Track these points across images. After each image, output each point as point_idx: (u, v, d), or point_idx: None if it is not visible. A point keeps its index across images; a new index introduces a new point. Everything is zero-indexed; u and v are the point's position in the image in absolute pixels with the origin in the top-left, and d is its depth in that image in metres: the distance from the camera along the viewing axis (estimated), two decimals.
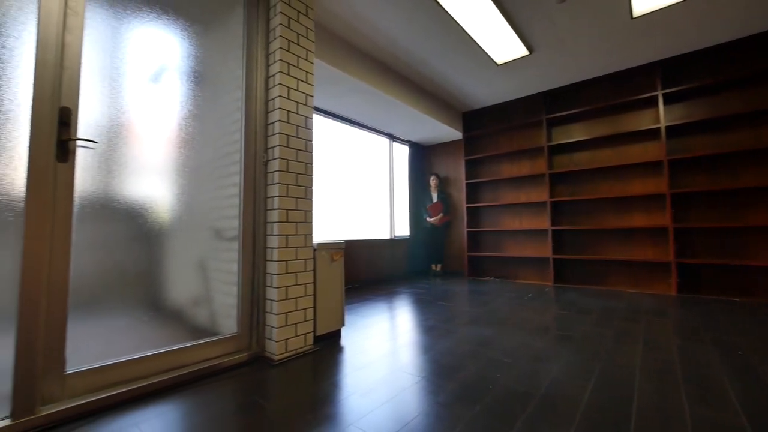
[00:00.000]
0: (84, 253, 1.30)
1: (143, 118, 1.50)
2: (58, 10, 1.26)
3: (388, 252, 4.64)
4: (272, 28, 1.92)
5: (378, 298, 3.34)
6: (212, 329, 1.67)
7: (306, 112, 1.97)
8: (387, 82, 3.53)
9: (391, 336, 2.09)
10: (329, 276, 2.05)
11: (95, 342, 1.32)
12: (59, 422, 1.17)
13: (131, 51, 1.48)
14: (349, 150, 4.31)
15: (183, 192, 1.60)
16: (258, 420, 1.18)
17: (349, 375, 1.54)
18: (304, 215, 1.90)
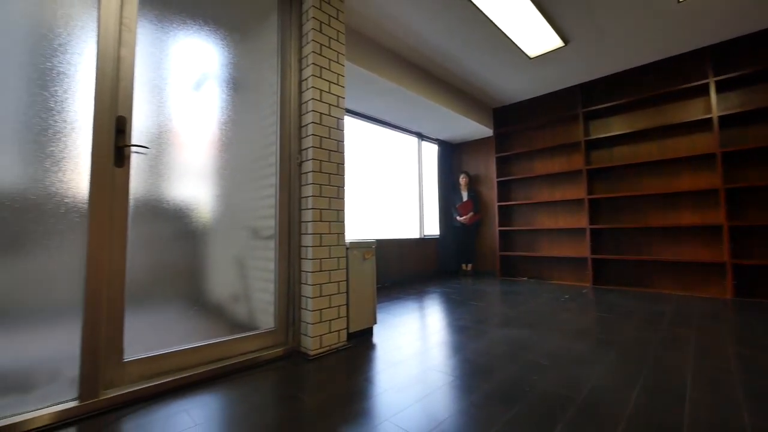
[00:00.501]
0: (137, 251, 1.41)
1: (187, 125, 1.59)
2: (114, 26, 1.37)
3: (418, 251, 4.63)
4: (305, 33, 1.98)
5: (408, 297, 3.35)
6: (251, 324, 1.75)
7: (338, 114, 2.01)
8: (415, 81, 3.52)
9: (423, 335, 2.09)
10: (361, 274, 2.08)
11: (147, 333, 1.42)
12: (119, 406, 1.27)
13: (176, 61, 1.58)
14: (378, 150, 4.34)
15: (223, 193, 1.69)
16: (297, 412, 1.23)
17: (383, 372, 1.56)
18: (337, 214, 1.94)
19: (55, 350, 1.21)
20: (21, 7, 1.21)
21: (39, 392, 1.18)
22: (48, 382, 1.20)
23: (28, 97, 1.21)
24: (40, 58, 1.23)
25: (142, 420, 1.19)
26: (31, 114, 1.21)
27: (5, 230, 1.14)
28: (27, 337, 1.17)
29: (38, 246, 1.19)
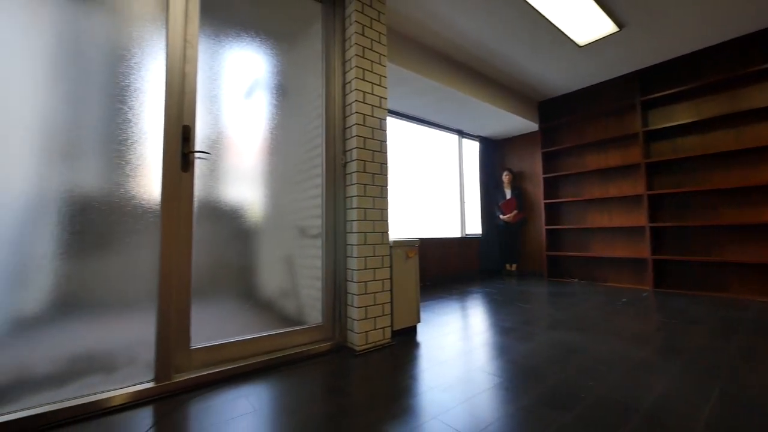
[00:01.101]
0: (200, 249, 1.53)
1: (240, 131, 1.70)
2: (179, 44, 1.51)
3: (459, 250, 4.56)
4: (347, 37, 2.03)
5: (450, 296, 3.31)
6: (299, 319, 1.83)
7: (380, 114, 2.04)
8: (456, 78, 3.47)
9: (467, 335, 2.06)
10: (404, 273, 2.10)
11: (209, 324, 1.54)
12: (187, 389, 1.40)
13: (230, 72, 1.69)
14: (419, 149, 4.33)
15: (272, 194, 1.78)
16: (345, 404, 1.27)
17: (428, 370, 1.56)
18: (381, 213, 1.97)
19: (134, 336, 1.36)
20: (103, 31, 1.37)
21: (120, 373, 1.33)
22: (127, 365, 1.34)
23: (110, 110, 1.36)
24: (120, 76, 1.39)
25: (208, 403, 1.29)
26: (114, 126, 1.36)
27: (95, 230, 1.30)
28: (111, 324, 1.32)
29: (120, 244, 1.35)
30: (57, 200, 1.25)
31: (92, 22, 1.35)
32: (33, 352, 1.19)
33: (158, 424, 1.15)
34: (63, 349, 1.23)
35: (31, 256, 1.20)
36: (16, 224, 1.18)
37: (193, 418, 1.19)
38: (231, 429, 1.12)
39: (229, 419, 1.18)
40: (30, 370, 1.17)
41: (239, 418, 1.19)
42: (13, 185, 1.18)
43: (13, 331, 1.16)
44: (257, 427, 1.13)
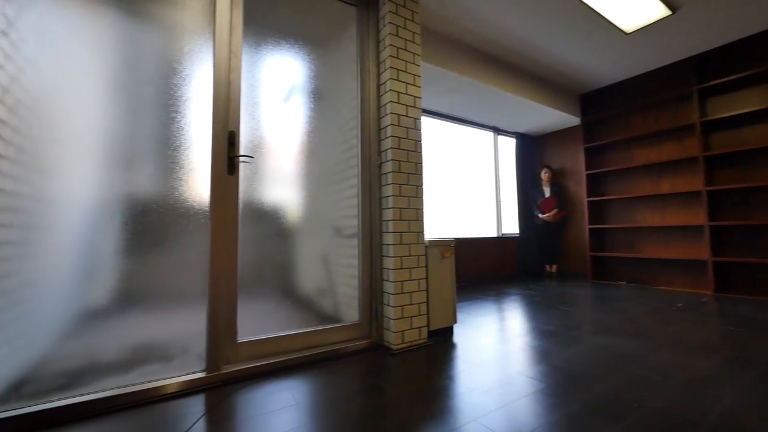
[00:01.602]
0: (244, 248, 1.62)
1: (279, 135, 1.77)
2: (225, 55, 1.60)
3: (496, 251, 4.43)
4: (382, 39, 2.05)
5: (487, 297, 3.23)
6: (336, 316, 1.87)
7: (415, 114, 2.04)
8: (491, 74, 3.38)
9: (506, 337, 2.00)
10: (440, 273, 2.08)
11: (253, 319, 1.62)
12: (234, 380, 1.48)
13: (269, 79, 1.77)
14: (453, 147, 4.27)
15: (310, 195, 1.84)
16: (384, 402, 1.28)
17: (465, 372, 1.54)
18: (416, 213, 1.97)
19: (187, 329, 1.46)
20: (157, 46, 1.48)
21: (175, 363, 1.43)
22: (181, 355, 1.44)
23: (165, 120, 1.47)
24: (173, 87, 1.50)
25: (253, 394, 1.36)
26: (168, 133, 1.47)
27: (153, 230, 1.41)
28: (167, 316, 1.43)
29: (175, 243, 1.45)
30: (120, 204, 1.37)
31: (148, 39, 1.47)
32: (101, 340, 1.31)
33: (209, 413, 1.23)
34: (126, 339, 1.35)
35: (99, 254, 1.32)
36: (85, 226, 1.31)
37: (240, 408, 1.25)
38: (275, 420, 1.17)
39: (273, 411, 1.23)
40: (99, 357, 1.30)
41: (282, 410, 1.24)
42: (83, 191, 1.31)
43: (84, 322, 1.29)
44: (299, 420, 1.17)
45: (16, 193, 1.20)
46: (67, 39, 1.31)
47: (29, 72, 1.24)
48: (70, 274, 1.27)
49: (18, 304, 1.18)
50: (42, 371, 1.21)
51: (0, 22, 1.20)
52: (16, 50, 1.22)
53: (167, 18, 1.51)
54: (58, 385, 1.23)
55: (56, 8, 1.30)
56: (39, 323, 1.22)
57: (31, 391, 1.19)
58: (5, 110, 1.19)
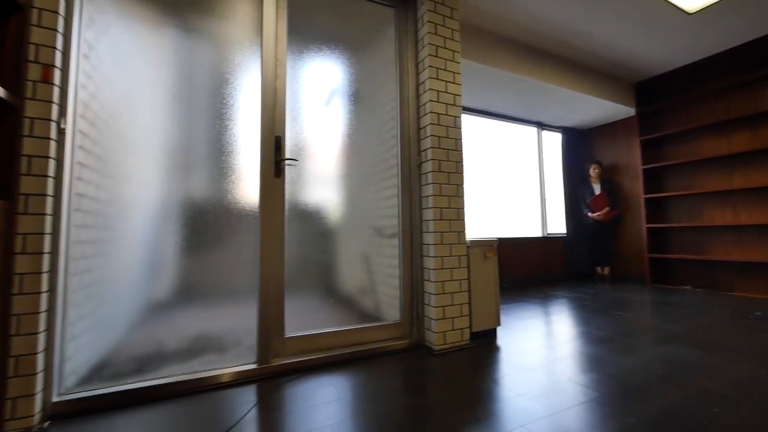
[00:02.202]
0: (290, 247, 1.69)
1: (321, 138, 1.83)
2: (271, 64, 1.68)
3: (541, 251, 4.24)
4: (420, 38, 2.04)
5: (532, 300, 3.10)
6: (377, 315, 1.89)
7: (455, 112, 2.01)
8: (534, 66, 3.24)
9: (554, 342, 1.91)
10: (483, 273, 2.03)
11: (298, 316, 1.69)
12: (283, 373, 1.55)
13: (311, 84, 1.83)
14: (494, 145, 4.15)
15: (350, 196, 1.88)
16: (427, 403, 1.28)
17: (511, 376, 1.49)
18: (457, 213, 1.94)
19: (239, 322, 1.55)
20: (211, 60, 1.60)
21: (229, 354, 1.53)
22: (235, 347, 1.54)
23: (219, 127, 1.58)
24: (226, 97, 1.60)
25: (300, 387, 1.42)
26: (222, 140, 1.58)
27: (209, 230, 1.52)
28: (221, 310, 1.53)
29: (228, 242, 1.55)
30: (180, 206, 1.49)
31: (203, 53, 1.58)
32: (166, 331, 1.43)
33: (261, 403, 1.30)
34: (187, 330, 1.47)
35: (163, 252, 1.45)
36: (151, 227, 1.44)
37: (288, 400, 1.31)
38: (320, 413, 1.21)
39: (318, 404, 1.27)
40: (164, 345, 1.42)
41: (327, 404, 1.28)
42: (149, 195, 1.45)
43: (151, 313, 1.42)
44: (343, 415, 1.20)
45: (96, 198, 1.35)
46: (135, 58, 1.46)
47: (105, 89, 1.40)
48: (139, 270, 1.41)
49: (98, 296, 1.33)
50: (117, 356, 1.35)
51: (83, 47, 1.35)
52: (95, 70, 1.38)
53: (219, 32, 1.62)
54: (131, 369, 1.36)
55: (126, 31, 1.45)
56: (115, 313, 1.36)
57: (110, 373, 1.33)
58: (87, 124, 1.35)
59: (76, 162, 1.31)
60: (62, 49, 1.27)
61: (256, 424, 1.15)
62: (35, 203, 1.18)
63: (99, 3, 1.40)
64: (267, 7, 1.70)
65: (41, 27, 1.22)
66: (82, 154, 1.33)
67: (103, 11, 1.40)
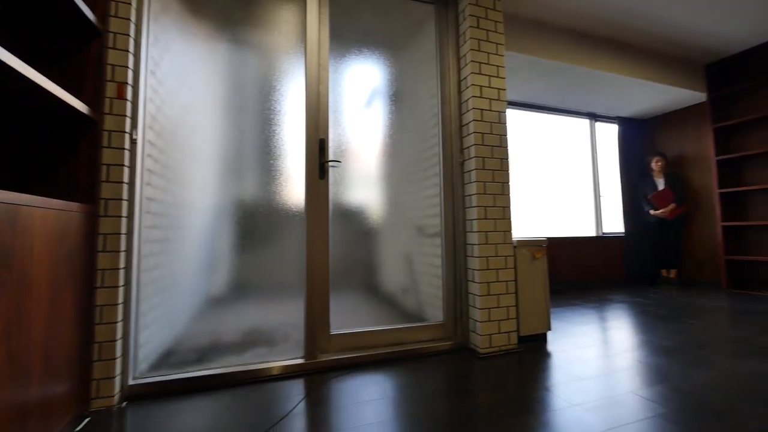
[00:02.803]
0: (334, 246, 1.73)
1: (361, 139, 1.85)
2: (315, 69, 1.74)
3: (595, 252, 3.95)
4: (462, 33, 1.99)
5: (586, 304, 2.90)
6: (420, 315, 1.88)
7: (499, 107, 1.94)
8: (584, 53, 3.03)
9: (612, 350, 1.77)
10: (531, 275, 1.93)
11: (342, 314, 1.72)
12: (328, 369, 1.60)
13: (352, 85, 1.86)
14: (541, 140, 3.95)
15: (392, 195, 1.88)
16: (472, 406, 1.24)
17: (564, 384, 1.40)
18: (503, 211, 1.87)
19: (287, 318, 1.62)
20: (258, 69, 1.68)
21: (278, 348, 1.60)
22: (283, 342, 1.61)
23: (268, 132, 1.66)
24: (273, 104, 1.68)
25: (345, 383, 1.45)
26: (270, 145, 1.66)
27: (259, 230, 1.61)
28: (271, 306, 1.61)
29: (277, 241, 1.63)
30: (233, 207, 1.59)
31: (252, 65, 1.68)
32: (221, 324, 1.54)
33: (308, 397, 1.34)
34: (240, 324, 1.56)
35: (218, 250, 1.56)
36: (208, 227, 1.55)
37: (334, 396, 1.35)
38: (366, 410, 1.23)
39: (363, 401, 1.29)
40: (220, 337, 1.52)
41: (371, 402, 1.29)
42: (205, 198, 1.56)
43: (208, 308, 1.53)
44: (388, 414, 1.20)
45: (162, 201, 1.48)
46: (193, 71, 1.58)
47: (169, 102, 1.53)
48: (198, 267, 1.53)
49: (164, 291, 1.46)
50: (181, 346, 1.47)
51: (150, 64, 1.49)
52: (161, 85, 1.52)
53: (267, 43, 1.70)
54: (192, 358, 1.48)
55: (186, 47, 1.57)
56: (178, 306, 1.49)
57: (175, 361, 1.46)
58: (154, 134, 1.49)
59: (146, 169, 1.45)
60: (133, 67, 1.41)
61: (304, 417, 1.19)
62: (113, 207, 1.32)
63: (163, 23, 1.53)
64: (310, 14, 1.75)
65: (116, 49, 1.37)
66: (150, 162, 1.47)
67: (166, 30, 1.54)
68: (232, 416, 1.21)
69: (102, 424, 1.17)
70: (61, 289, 1.09)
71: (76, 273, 1.17)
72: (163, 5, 1.54)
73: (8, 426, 0.86)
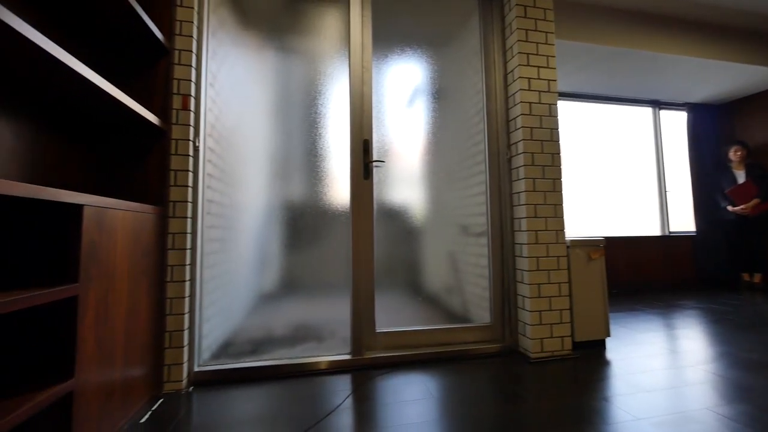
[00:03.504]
0: (378, 245, 1.75)
1: (404, 138, 1.85)
2: (359, 71, 1.77)
3: (661, 252, 3.60)
4: (507, 24, 1.92)
5: (651, 309, 2.65)
6: (465, 316, 1.84)
7: (549, 99, 1.84)
8: (648, 36, 2.77)
9: (683, 361, 1.60)
10: (587, 277, 1.81)
11: (387, 312, 1.74)
12: (373, 366, 1.62)
13: (395, 85, 1.86)
14: (597, 132, 3.68)
15: (436, 194, 1.86)
16: (524, 412, 1.19)
17: (627, 396, 1.30)
18: (554, 209, 1.77)
19: (334, 315, 1.67)
20: (304, 74, 1.75)
21: (326, 344, 1.65)
22: (330, 338, 1.66)
23: (314, 135, 1.72)
24: (319, 107, 1.74)
25: (390, 381, 1.46)
26: (317, 147, 1.72)
27: (307, 230, 1.67)
28: (319, 303, 1.67)
29: (324, 240, 1.68)
30: (283, 208, 1.67)
31: (298, 70, 1.74)
32: (273, 319, 1.62)
33: (355, 393, 1.37)
34: (290, 319, 1.63)
35: (269, 249, 1.64)
36: (259, 227, 1.64)
37: (380, 393, 1.36)
38: (412, 409, 1.23)
39: (410, 400, 1.29)
40: (272, 331, 1.61)
41: (418, 401, 1.29)
42: (258, 199, 1.65)
43: (261, 303, 1.62)
44: (435, 414, 1.19)
45: (221, 203, 1.60)
46: (246, 81, 1.68)
47: (225, 110, 1.64)
48: (251, 264, 1.62)
49: (223, 286, 1.58)
50: (238, 338, 1.58)
51: (209, 77, 1.62)
52: (218, 95, 1.63)
53: (311, 48, 1.77)
54: (247, 350, 1.58)
55: (239, 58, 1.68)
56: (235, 301, 1.59)
57: (233, 352, 1.56)
58: (213, 141, 1.61)
59: (207, 173, 1.57)
60: (195, 80, 1.54)
61: (351, 413, 1.22)
62: (180, 208, 1.45)
63: (219, 37, 1.65)
64: (353, 17, 1.79)
65: (181, 64, 1.50)
66: (210, 167, 1.59)
67: (222, 43, 1.65)
68: (283, 407, 1.27)
69: (173, 405, 1.29)
70: (139, 282, 1.21)
71: (149, 268, 1.30)
72: (219, 20, 1.65)
73: (97, 403, 0.98)
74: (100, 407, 0.98)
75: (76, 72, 0.92)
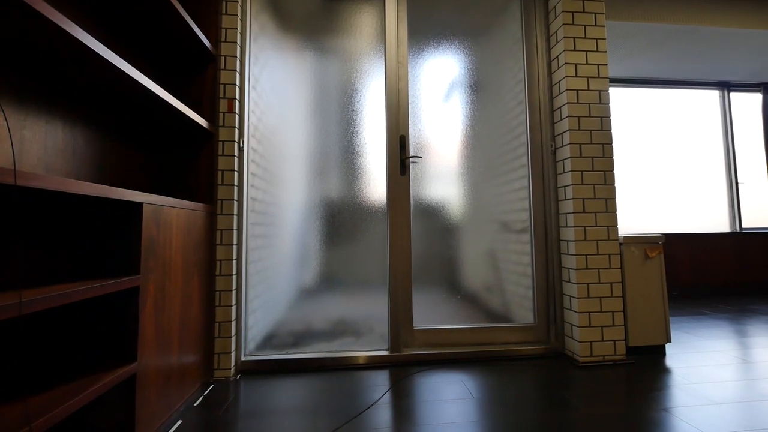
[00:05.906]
0: (416, 241, 1.73)
1: (441, 133, 1.81)
2: (394, 66, 1.76)
3: (731, 251, 3.24)
4: (552, 7, 1.81)
5: (719, 314, 2.40)
6: (506, 316, 1.77)
7: (599, 86, 1.71)
8: (711, 9, 2.48)
9: (759, 373, 1.43)
10: (644, 277, 1.67)
11: (424, 309, 1.72)
12: (412, 362, 1.61)
13: (431, 79, 1.82)
14: (654, 119, 3.38)
15: (474, 189, 1.80)
16: (573, 418, 1.12)
17: (690, 407, 1.18)
18: (605, 204, 1.65)
19: (372, 311, 1.68)
20: (341, 73, 1.76)
21: (364, 339, 1.67)
22: (368, 333, 1.67)
23: (351, 133, 1.74)
24: (356, 105, 1.76)
25: (429, 378, 1.44)
26: (354, 144, 1.74)
27: (345, 226, 1.70)
28: (357, 298, 1.68)
29: (361, 237, 1.70)
30: (322, 205, 1.70)
31: (334, 70, 1.77)
32: (313, 313, 1.66)
33: (393, 388, 1.38)
34: (329, 314, 1.67)
35: (308, 245, 1.69)
36: (299, 224, 1.69)
37: (419, 390, 1.35)
38: (450, 409, 1.20)
39: (449, 399, 1.27)
40: (312, 326, 1.65)
41: (457, 400, 1.26)
42: (298, 197, 1.70)
43: (302, 298, 1.67)
44: (475, 414, 1.16)
45: (263, 201, 1.67)
46: (285, 82, 1.73)
47: (267, 112, 1.71)
48: (292, 260, 1.68)
49: (266, 281, 1.64)
50: (280, 331, 1.64)
51: (252, 80, 1.69)
52: (260, 98, 1.70)
53: (348, 47, 1.78)
54: (289, 342, 1.64)
55: (279, 61, 1.73)
56: (277, 295, 1.66)
57: (276, 344, 1.63)
58: (256, 142, 1.68)
59: (250, 173, 1.65)
60: (239, 84, 1.61)
61: (390, 408, 1.22)
62: (227, 206, 1.53)
63: (261, 42, 1.72)
64: (389, 14, 1.78)
65: (226, 69, 1.57)
66: (253, 166, 1.66)
67: (263, 48, 1.72)
68: (324, 399, 1.30)
69: (223, 392, 1.37)
70: (191, 275, 1.30)
71: (200, 262, 1.39)
72: (260, 26, 1.72)
73: (156, 386, 1.06)
74: (158, 390, 1.07)
75: (145, 87, 1.00)
